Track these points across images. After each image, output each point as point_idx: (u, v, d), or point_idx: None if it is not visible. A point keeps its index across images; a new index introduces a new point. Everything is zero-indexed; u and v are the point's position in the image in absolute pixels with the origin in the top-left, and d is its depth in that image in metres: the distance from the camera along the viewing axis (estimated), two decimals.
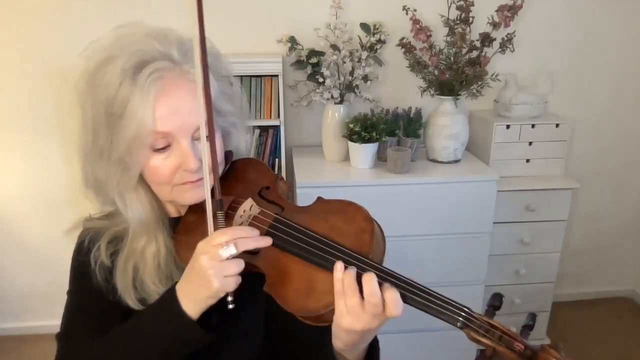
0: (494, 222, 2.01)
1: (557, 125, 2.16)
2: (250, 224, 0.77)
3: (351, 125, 1.95)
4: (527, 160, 2.19)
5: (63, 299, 0.86)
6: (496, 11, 1.89)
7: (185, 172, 0.76)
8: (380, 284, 0.64)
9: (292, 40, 2.07)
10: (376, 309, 0.63)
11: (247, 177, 0.87)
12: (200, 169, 0.76)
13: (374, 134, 1.93)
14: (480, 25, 1.93)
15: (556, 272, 2.28)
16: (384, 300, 0.63)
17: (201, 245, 0.68)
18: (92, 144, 0.75)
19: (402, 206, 1.93)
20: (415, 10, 1.96)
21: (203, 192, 0.78)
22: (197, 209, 0.81)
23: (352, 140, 1.97)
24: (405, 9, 1.95)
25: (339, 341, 0.71)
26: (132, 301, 0.78)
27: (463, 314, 0.62)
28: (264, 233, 0.75)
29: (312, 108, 2.19)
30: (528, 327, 0.62)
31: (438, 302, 0.64)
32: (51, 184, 2.28)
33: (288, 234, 0.73)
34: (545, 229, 2.18)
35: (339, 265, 0.66)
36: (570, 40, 2.33)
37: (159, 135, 0.72)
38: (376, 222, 0.74)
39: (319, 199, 0.81)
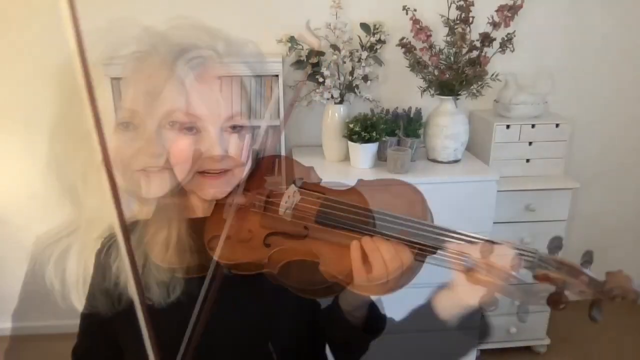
0: (494, 222, 2.01)
1: (557, 125, 2.16)
2: (296, 207, 0.76)
3: (351, 125, 1.95)
4: (527, 160, 2.19)
5: None
6: (496, 11, 1.89)
7: (209, 159, 0.76)
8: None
9: (292, 40, 2.06)
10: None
11: (278, 171, 0.88)
12: (225, 160, 0.76)
13: (374, 134, 1.93)
14: (480, 25, 1.93)
15: None
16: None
17: None
18: (127, 121, 0.77)
19: None
20: (415, 10, 1.96)
21: (224, 188, 0.79)
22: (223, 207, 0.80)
23: (352, 140, 1.97)
24: (405, 9, 1.95)
25: (346, 304, 0.75)
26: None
27: (536, 255, 0.70)
28: (314, 215, 0.74)
29: (312, 108, 2.19)
30: (587, 262, 0.68)
31: (521, 250, 0.69)
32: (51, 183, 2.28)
33: (340, 210, 0.73)
34: (545, 229, 2.18)
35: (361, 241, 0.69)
36: (570, 40, 2.33)
37: (189, 118, 0.74)
38: None
39: (360, 180, 0.81)
